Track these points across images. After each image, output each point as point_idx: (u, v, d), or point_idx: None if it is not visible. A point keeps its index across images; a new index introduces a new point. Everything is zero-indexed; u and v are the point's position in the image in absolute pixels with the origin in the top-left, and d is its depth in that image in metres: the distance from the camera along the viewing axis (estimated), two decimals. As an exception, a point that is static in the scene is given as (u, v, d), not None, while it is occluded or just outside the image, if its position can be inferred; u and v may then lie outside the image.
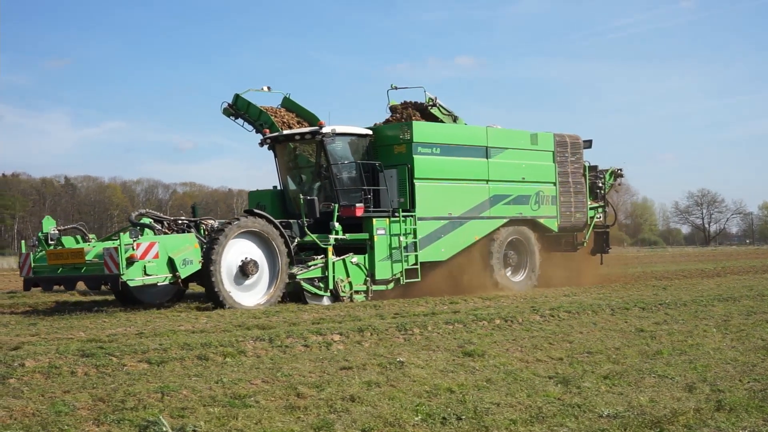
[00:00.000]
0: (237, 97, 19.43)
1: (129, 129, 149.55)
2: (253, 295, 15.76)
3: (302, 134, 18.37)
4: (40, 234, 15.67)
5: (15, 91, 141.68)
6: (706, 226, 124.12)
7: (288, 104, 19.92)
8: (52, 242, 15.56)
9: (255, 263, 15.66)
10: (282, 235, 16.09)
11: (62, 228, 15.94)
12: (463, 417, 6.33)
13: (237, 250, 15.56)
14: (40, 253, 15.53)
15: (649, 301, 15.46)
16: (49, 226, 15.73)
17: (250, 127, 19.49)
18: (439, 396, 7.13)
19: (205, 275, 14.96)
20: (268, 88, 19.65)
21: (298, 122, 19.17)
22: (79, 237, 15.93)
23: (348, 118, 19.41)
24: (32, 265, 15.43)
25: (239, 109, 19.44)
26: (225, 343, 9.70)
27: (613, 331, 11.56)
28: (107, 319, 13.42)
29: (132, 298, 16.22)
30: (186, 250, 14.94)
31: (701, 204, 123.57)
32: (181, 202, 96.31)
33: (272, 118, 19.01)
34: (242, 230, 15.56)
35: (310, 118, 19.06)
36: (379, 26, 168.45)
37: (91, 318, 13.65)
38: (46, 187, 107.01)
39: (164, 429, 5.92)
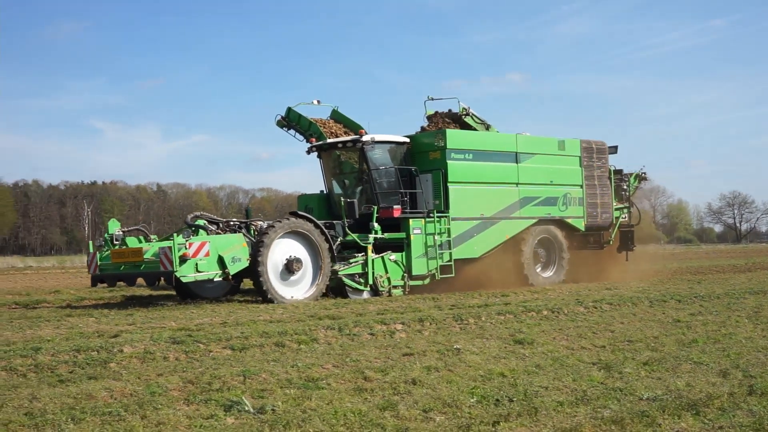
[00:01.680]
0: (289, 110, 19.34)
1: (213, 141, 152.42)
2: (298, 290, 15.73)
3: (344, 142, 18.33)
4: (106, 235, 15.77)
5: (113, 110, 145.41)
6: (738, 225, 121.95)
7: (336, 116, 19.79)
8: (117, 242, 15.63)
9: (299, 261, 15.64)
10: (324, 234, 16.04)
11: (126, 229, 16.01)
12: (515, 399, 6.29)
13: (282, 249, 15.57)
14: (106, 253, 15.61)
15: (685, 294, 15.19)
16: (114, 227, 15.80)
17: (301, 138, 19.38)
18: (493, 380, 7.09)
19: (253, 272, 15.06)
20: (318, 101, 19.56)
21: (345, 132, 19.05)
22: (141, 237, 15.99)
23: (402, 129, 19.34)
24: (98, 263, 15.56)
25: (291, 120, 19.35)
26: (299, 332, 9.76)
27: (652, 321, 11.38)
28: (195, 310, 13.59)
29: (190, 293, 16.35)
30: (235, 248, 14.99)
31: (733, 205, 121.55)
32: (259, 205, 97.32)
33: (321, 128, 18.91)
34: (287, 230, 15.55)
35: (356, 129, 18.95)
36: (436, 47, 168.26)
37: (180, 309, 13.84)
38: (140, 193, 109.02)
39: (246, 408, 5.97)
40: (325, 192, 19.62)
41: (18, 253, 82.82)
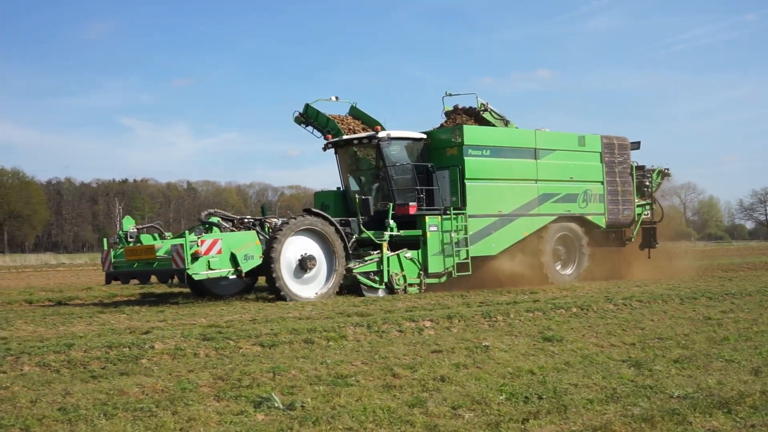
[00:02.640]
0: (307, 106, 19.14)
1: (243, 139, 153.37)
2: (312, 287, 15.59)
3: (360, 139, 18.09)
4: (120, 232, 15.69)
5: (145, 108, 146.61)
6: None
7: (354, 112, 19.60)
8: (131, 240, 15.52)
9: (313, 258, 15.49)
10: (338, 231, 15.90)
11: (140, 227, 15.91)
12: (544, 396, 6.27)
13: (296, 246, 15.42)
14: (120, 250, 15.54)
15: (716, 291, 15.05)
16: (129, 225, 15.71)
17: (319, 135, 19.15)
18: (522, 377, 7.07)
19: (266, 269, 14.94)
20: (336, 98, 19.28)
21: (363, 129, 18.81)
22: (156, 235, 15.91)
23: (429, 126, 19.03)
24: (112, 260, 15.46)
25: (309, 117, 19.14)
26: (328, 329, 9.78)
27: (682, 318, 11.29)
28: (225, 307, 13.67)
29: (205, 291, 16.27)
30: (247, 246, 14.91)
31: (765, 201, 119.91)
32: (288, 203, 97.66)
33: (339, 125, 18.72)
34: (300, 228, 15.42)
35: (375, 125, 18.68)
36: (465, 44, 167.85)
37: (210, 306, 13.93)
38: (170, 190, 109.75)
39: (276, 404, 6.00)
40: (341, 189, 19.47)
41: (51, 251, 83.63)
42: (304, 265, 15.40)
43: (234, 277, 15.12)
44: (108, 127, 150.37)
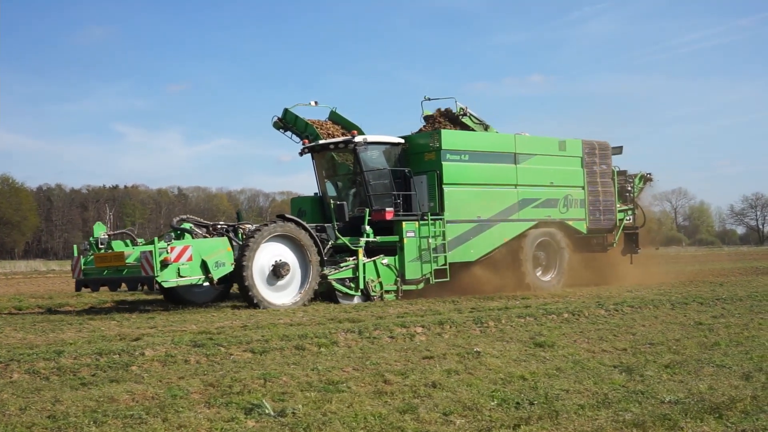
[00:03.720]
0: (286, 111, 19.00)
1: (236, 145, 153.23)
2: (286, 295, 15.29)
3: (336, 143, 17.92)
4: (91, 239, 15.34)
5: (138, 114, 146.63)
6: (760, 226, 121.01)
7: (334, 117, 19.44)
8: (102, 246, 15.22)
9: (286, 265, 15.23)
10: (312, 237, 15.64)
11: (112, 233, 15.64)
12: (535, 402, 6.27)
13: (269, 253, 15.14)
14: (90, 257, 15.22)
15: (707, 296, 15.10)
16: (100, 231, 15.37)
17: (298, 139, 18.98)
18: (513, 383, 7.07)
19: (238, 277, 14.71)
20: (316, 102, 19.19)
21: (343, 134, 18.58)
22: (128, 241, 15.57)
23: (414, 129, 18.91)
24: (82, 267, 15.16)
25: (288, 122, 18.99)
26: (319, 335, 9.77)
27: (674, 324, 11.32)
28: (215, 313, 13.63)
29: (179, 298, 15.97)
30: (219, 253, 14.66)
31: (755, 206, 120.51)
32: (280, 208, 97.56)
33: (317, 130, 18.56)
34: (273, 234, 15.14)
35: (356, 130, 18.46)
36: (459, 48, 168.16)
37: (201, 313, 13.88)
38: (161, 196, 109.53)
39: (267, 411, 5.98)
40: (318, 194, 19.17)
41: (41, 257, 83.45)
42: (278, 272, 15.11)
43: (207, 284, 14.93)
44: (100, 133, 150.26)
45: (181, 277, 14.24)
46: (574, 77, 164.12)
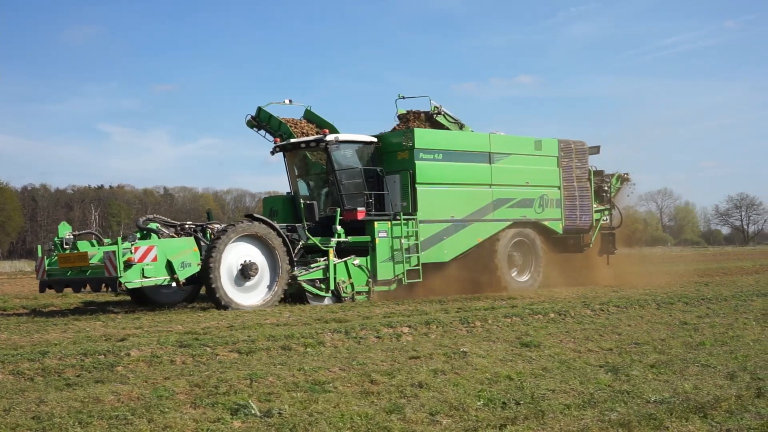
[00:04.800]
0: (260, 109, 18.81)
1: (222, 145, 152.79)
2: (254, 296, 15.11)
3: (307, 142, 17.68)
4: (55, 239, 15.03)
5: (124, 114, 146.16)
6: (745, 227, 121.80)
7: (309, 116, 19.25)
8: (67, 246, 14.92)
9: (254, 265, 15.00)
10: (281, 237, 15.44)
11: (77, 233, 15.30)
12: (522, 402, 6.28)
13: (237, 253, 14.95)
14: (55, 257, 14.95)
15: (692, 296, 15.16)
16: (65, 231, 15.05)
17: (272, 138, 18.75)
18: (499, 383, 7.08)
19: (205, 277, 14.51)
20: (290, 101, 19.04)
21: (317, 132, 18.25)
22: (94, 241, 15.23)
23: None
24: (46, 268, 14.92)
25: (261, 120, 18.82)
26: (306, 335, 9.76)
27: (659, 323, 11.36)
28: (202, 314, 13.60)
29: (146, 299, 15.78)
30: (185, 253, 14.45)
31: (740, 207, 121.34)
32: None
33: (292, 128, 18.37)
34: (241, 234, 14.92)
35: (330, 129, 18.27)
36: (446, 50, 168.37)
37: (187, 313, 13.85)
38: (147, 197, 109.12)
39: (253, 411, 5.97)
40: (291, 194, 18.97)
41: (25, 257, 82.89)
42: (246, 272, 14.90)
43: (174, 285, 14.69)
44: (86, 132, 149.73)
45: (146, 277, 14.03)
46: (561, 78, 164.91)
